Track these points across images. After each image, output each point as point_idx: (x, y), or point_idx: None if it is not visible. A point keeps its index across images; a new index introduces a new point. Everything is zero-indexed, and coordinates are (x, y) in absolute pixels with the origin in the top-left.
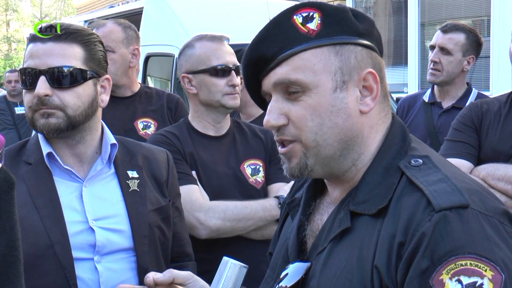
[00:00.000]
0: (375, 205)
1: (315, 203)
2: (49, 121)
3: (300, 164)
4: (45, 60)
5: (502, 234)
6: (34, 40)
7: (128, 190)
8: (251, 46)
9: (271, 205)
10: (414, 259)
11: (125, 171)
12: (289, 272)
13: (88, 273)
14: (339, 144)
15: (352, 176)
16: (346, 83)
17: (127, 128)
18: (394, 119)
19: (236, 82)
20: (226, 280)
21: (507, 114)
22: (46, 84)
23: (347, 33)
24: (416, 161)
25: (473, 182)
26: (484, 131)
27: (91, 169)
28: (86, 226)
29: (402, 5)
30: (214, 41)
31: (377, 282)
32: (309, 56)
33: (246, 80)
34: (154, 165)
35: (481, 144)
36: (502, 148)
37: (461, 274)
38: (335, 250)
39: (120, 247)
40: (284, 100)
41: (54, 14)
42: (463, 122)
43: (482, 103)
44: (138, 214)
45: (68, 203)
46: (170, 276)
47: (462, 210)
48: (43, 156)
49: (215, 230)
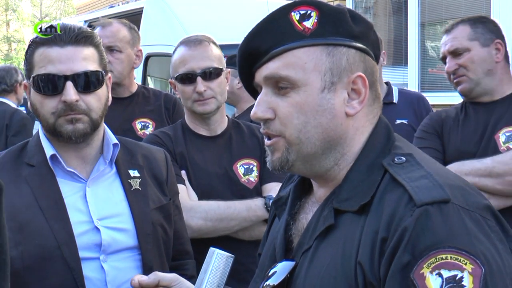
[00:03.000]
0: (357, 202)
1: (300, 202)
2: (77, 126)
3: (282, 159)
4: (69, 65)
5: (483, 228)
6: (49, 44)
7: (130, 189)
8: (246, 38)
9: (256, 205)
10: (396, 254)
11: (126, 171)
12: (277, 270)
13: (95, 272)
14: (321, 143)
15: (335, 175)
16: (335, 84)
17: (125, 128)
18: (380, 119)
19: (200, 89)
20: (213, 270)
21: (465, 118)
22: (74, 89)
23: (342, 34)
24: (399, 159)
25: (456, 178)
26: (446, 135)
27: (93, 169)
28: (91, 226)
29: (402, 5)
30: (187, 45)
31: (360, 278)
32: (301, 54)
33: (240, 70)
34: (153, 164)
35: (445, 147)
36: (465, 147)
37: (441, 268)
38: (320, 248)
39: (125, 245)
40: (273, 95)
41: (54, 14)
42: (425, 130)
43: (440, 112)
44: (141, 213)
45: (72, 203)
46: (155, 278)
47: (443, 204)
48: (46, 157)
49: (196, 230)
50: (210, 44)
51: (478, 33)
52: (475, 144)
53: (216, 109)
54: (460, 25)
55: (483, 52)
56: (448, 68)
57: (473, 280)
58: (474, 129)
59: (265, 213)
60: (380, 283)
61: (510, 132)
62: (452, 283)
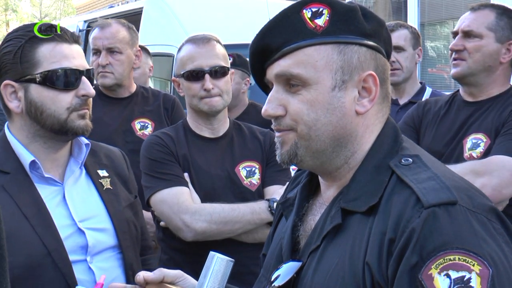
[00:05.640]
0: (365, 203)
1: (308, 204)
2: (87, 121)
3: (290, 152)
4: (80, 62)
5: (489, 230)
6: (57, 41)
7: (102, 189)
8: (258, 35)
9: (260, 208)
10: (404, 255)
11: (95, 171)
12: (282, 271)
13: (84, 274)
14: (331, 141)
15: (344, 174)
16: (346, 82)
17: (124, 128)
18: (388, 119)
19: (208, 86)
20: (213, 274)
21: (444, 114)
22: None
23: (353, 33)
24: (406, 160)
25: (462, 180)
26: (422, 131)
27: (66, 171)
28: (75, 229)
29: (402, 5)
30: (195, 43)
31: (368, 278)
32: (313, 52)
33: (251, 66)
34: (116, 163)
35: (419, 143)
36: (435, 147)
37: (450, 269)
38: (328, 249)
39: (107, 245)
40: (284, 92)
41: (54, 14)
42: (405, 122)
43: (427, 102)
44: (116, 212)
45: (53, 208)
46: (160, 274)
47: (451, 206)
48: (21, 164)
49: (200, 232)
50: (216, 43)
51: (498, 26)
52: (444, 145)
53: (222, 108)
54: (487, 9)
55: (494, 46)
56: (454, 46)
57: (481, 281)
58: (448, 128)
59: (269, 215)
60: (388, 283)
61: (477, 140)
62: (460, 283)
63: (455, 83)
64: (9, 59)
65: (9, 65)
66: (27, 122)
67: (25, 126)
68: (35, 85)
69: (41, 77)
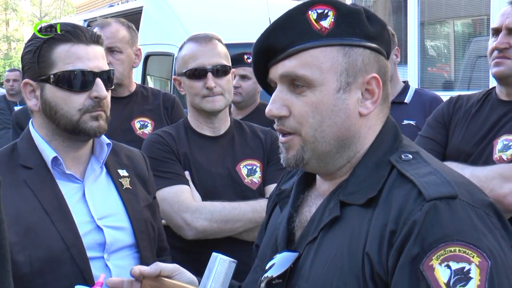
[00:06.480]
0: (364, 195)
1: (303, 195)
2: (101, 123)
3: (297, 157)
4: (96, 63)
5: (488, 225)
6: (74, 41)
7: (122, 188)
8: (263, 35)
9: (261, 207)
10: (405, 246)
11: (116, 170)
12: (276, 261)
13: (101, 271)
14: (335, 142)
15: (345, 171)
16: (350, 84)
17: (124, 128)
18: (388, 118)
19: (210, 85)
20: (216, 276)
21: (476, 113)
22: (103, 86)
23: (358, 35)
24: (406, 156)
25: (461, 176)
26: (452, 128)
27: (87, 169)
28: (94, 226)
29: (402, 4)
30: (198, 42)
31: (368, 269)
32: (318, 54)
33: (254, 65)
34: (136, 163)
35: (448, 141)
36: (463, 147)
37: (450, 260)
38: (325, 240)
39: (124, 244)
40: (288, 92)
41: (54, 13)
42: (436, 118)
43: (458, 98)
44: (135, 211)
45: (73, 204)
46: (157, 268)
47: (451, 200)
48: (43, 159)
49: (201, 231)
50: (218, 42)
51: None
52: (474, 145)
53: (224, 107)
54: None
55: None
56: (498, 44)
57: (480, 272)
58: (479, 127)
59: None
60: (388, 274)
61: (509, 141)
62: (460, 274)
63: (456, 83)
64: (29, 58)
65: (29, 64)
66: (45, 120)
67: (43, 124)
68: (49, 85)
69: (55, 77)
